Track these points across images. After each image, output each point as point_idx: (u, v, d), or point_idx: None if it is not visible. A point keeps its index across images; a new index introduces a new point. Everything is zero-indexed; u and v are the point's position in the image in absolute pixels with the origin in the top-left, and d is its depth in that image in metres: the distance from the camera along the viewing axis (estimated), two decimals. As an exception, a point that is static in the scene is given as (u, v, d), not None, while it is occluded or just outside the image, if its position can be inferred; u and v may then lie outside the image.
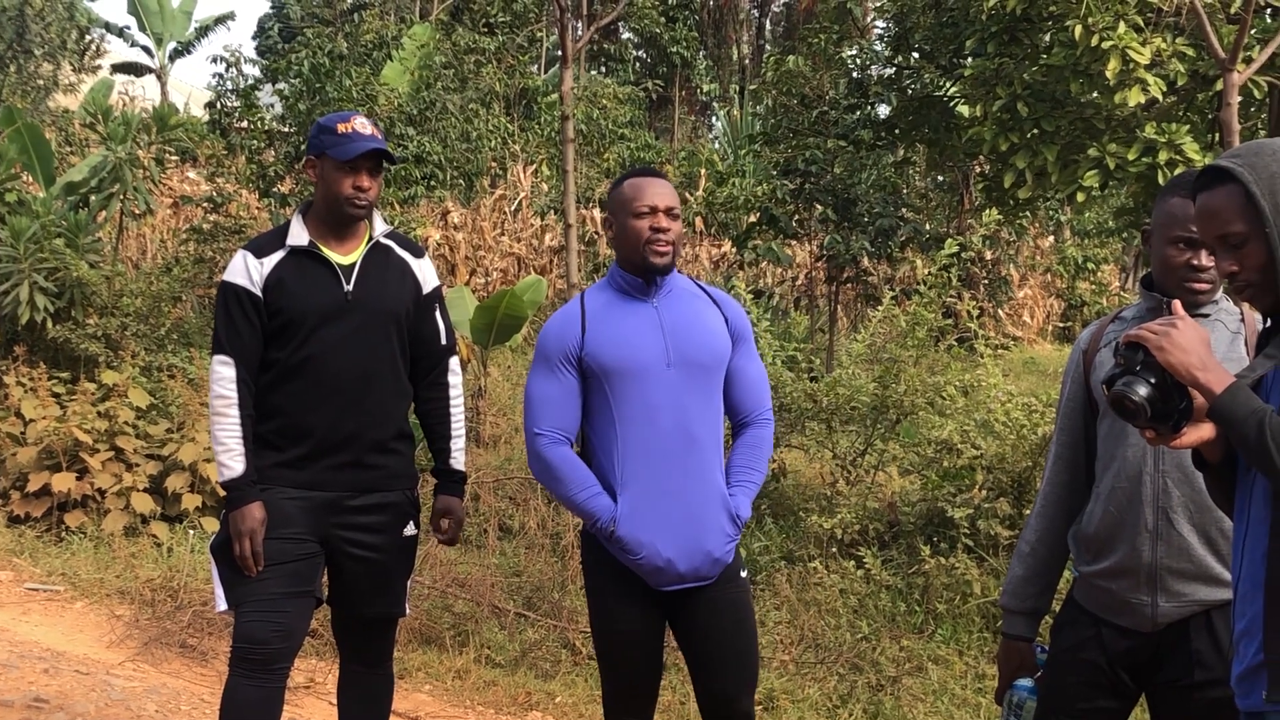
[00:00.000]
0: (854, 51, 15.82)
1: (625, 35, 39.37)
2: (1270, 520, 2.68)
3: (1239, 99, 9.09)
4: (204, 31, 39.10)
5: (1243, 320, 3.66)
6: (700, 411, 4.22)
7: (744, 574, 4.42)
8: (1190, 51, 9.93)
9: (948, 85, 13.18)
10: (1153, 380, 2.71)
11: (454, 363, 4.87)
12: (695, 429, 4.21)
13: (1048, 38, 10.79)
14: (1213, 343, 3.52)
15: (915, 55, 13.97)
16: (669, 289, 4.33)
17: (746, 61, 41.48)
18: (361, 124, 4.56)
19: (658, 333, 4.23)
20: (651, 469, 4.16)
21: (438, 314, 4.80)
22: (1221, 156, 2.77)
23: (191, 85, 42.08)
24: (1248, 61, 9.02)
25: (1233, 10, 9.90)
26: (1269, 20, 10.67)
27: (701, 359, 4.25)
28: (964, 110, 12.72)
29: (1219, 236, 2.73)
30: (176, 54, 39.06)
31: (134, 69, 38.37)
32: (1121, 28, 9.54)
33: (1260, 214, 2.65)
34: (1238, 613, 2.80)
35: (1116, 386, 2.75)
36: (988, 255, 23.10)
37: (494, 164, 23.46)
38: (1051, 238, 28.36)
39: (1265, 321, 2.85)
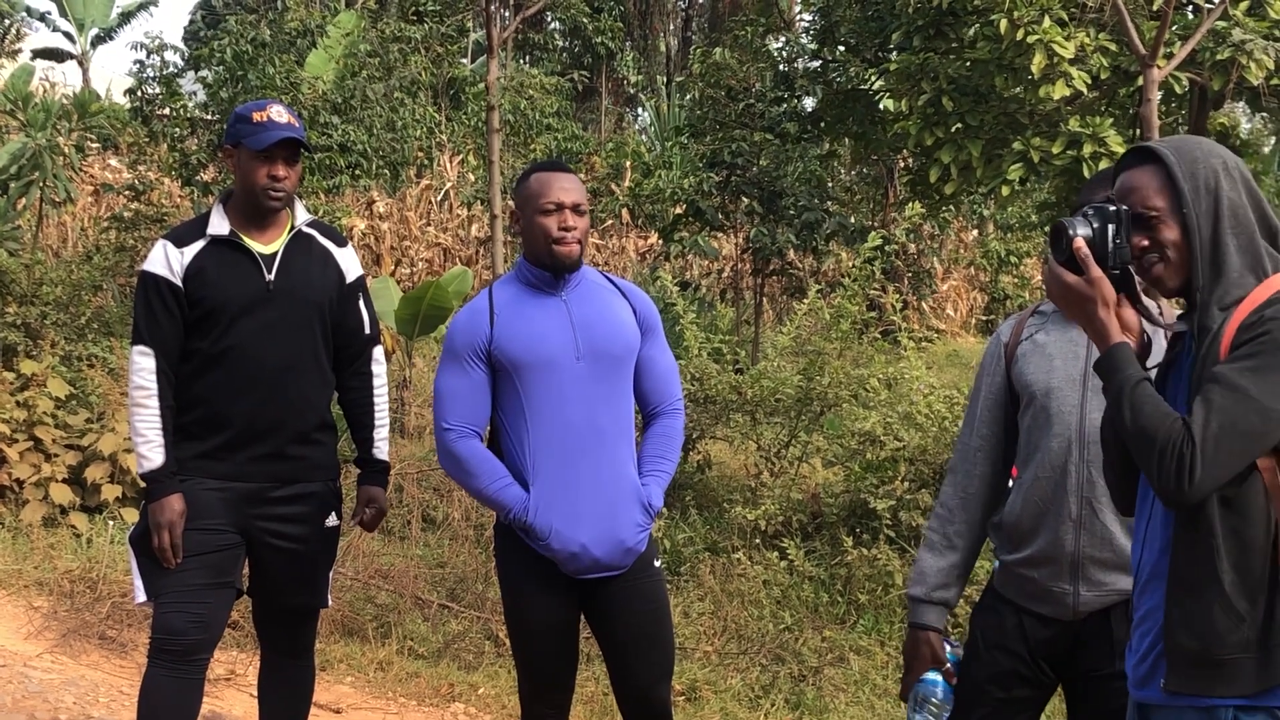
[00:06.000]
0: (780, 44, 15.89)
1: (552, 25, 39.26)
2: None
3: (1159, 94, 9.18)
4: (126, 17, 38.69)
5: None
6: (611, 403, 4.22)
7: (658, 563, 4.42)
8: (1113, 46, 10.03)
9: (873, 79, 13.24)
10: (1096, 226, 2.83)
11: (378, 352, 4.84)
12: (606, 421, 4.21)
13: (972, 32, 10.86)
14: None
15: (841, 49, 14.01)
16: (577, 282, 4.32)
17: (673, 53, 41.47)
18: (278, 112, 4.49)
19: (567, 326, 4.21)
20: (563, 460, 4.16)
21: (361, 303, 4.76)
22: (1147, 143, 2.87)
23: (113, 72, 41.56)
24: (1168, 57, 9.11)
25: (1154, 6, 10.01)
26: (1189, 16, 10.79)
27: (611, 351, 4.26)
28: (889, 104, 12.81)
29: (1135, 213, 2.80)
30: (98, 40, 38.62)
31: (55, 55, 37.88)
32: (1046, 22, 9.62)
33: (1179, 194, 2.74)
34: (1137, 603, 2.85)
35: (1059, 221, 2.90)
36: (912, 249, 23.27)
37: (420, 154, 23.34)
38: (975, 231, 28.55)
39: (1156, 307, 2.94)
